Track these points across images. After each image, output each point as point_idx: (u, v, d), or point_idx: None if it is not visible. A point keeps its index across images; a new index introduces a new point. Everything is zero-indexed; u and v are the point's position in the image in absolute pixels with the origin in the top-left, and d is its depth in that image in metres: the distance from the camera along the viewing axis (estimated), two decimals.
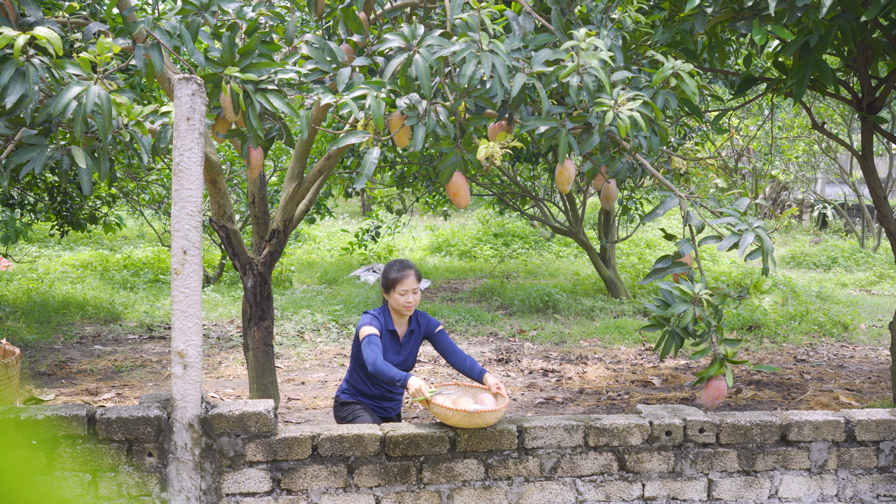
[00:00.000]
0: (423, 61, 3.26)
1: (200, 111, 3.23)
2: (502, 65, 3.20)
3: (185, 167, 3.23)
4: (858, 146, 7.77)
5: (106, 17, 5.18)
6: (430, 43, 3.29)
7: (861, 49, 5.31)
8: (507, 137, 3.40)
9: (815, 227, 22.08)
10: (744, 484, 3.81)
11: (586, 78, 3.25)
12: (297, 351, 8.67)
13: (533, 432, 3.65)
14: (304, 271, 14.06)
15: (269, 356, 5.72)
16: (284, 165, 11.52)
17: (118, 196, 11.38)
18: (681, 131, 10.07)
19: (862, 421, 3.89)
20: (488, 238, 17.22)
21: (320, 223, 19.18)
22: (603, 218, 12.87)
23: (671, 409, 3.87)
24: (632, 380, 7.78)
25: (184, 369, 3.32)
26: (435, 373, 7.88)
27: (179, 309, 3.29)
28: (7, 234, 8.87)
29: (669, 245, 15.94)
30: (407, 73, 3.33)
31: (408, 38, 3.34)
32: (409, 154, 10.93)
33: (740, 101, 9.01)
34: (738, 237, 3.43)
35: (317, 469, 3.49)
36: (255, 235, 5.76)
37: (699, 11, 4.20)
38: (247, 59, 3.37)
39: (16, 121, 3.28)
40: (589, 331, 9.90)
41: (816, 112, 14.52)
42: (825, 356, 8.88)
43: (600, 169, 3.78)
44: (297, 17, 7.81)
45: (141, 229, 18.49)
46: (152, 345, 8.89)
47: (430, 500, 3.59)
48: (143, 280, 12.50)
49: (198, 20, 3.52)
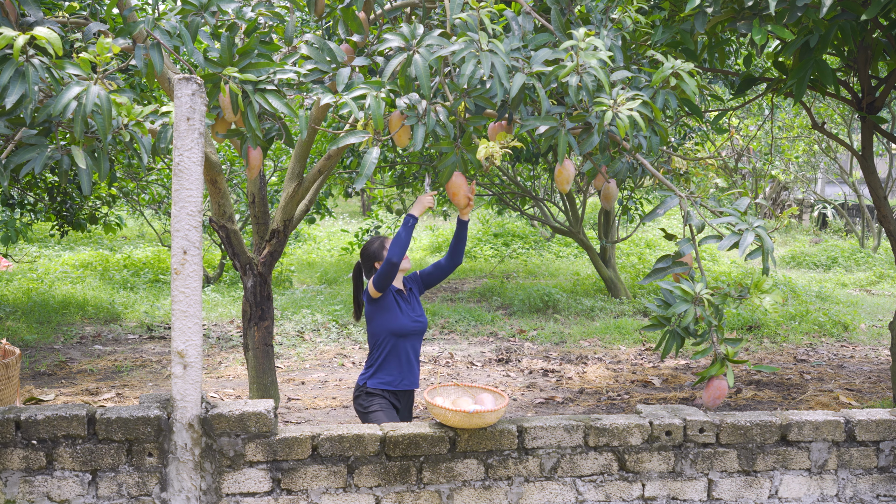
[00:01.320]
0: (422, 61, 3.26)
1: (200, 111, 3.23)
2: (501, 64, 3.20)
3: (185, 167, 3.23)
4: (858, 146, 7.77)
5: (106, 17, 5.18)
6: (430, 43, 3.29)
7: (861, 49, 5.31)
8: (506, 137, 3.39)
9: (815, 227, 22.08)
10: (744, 484, 3.81)
11: (585, 78, 3.25)
12: (297, 351, 8.67)
13: (533, 432, 3.65)
14: (304, 271, 14.06)
15: (269, 356, 5.72)
16: (284, 165, 11.52)
17: (118, 196, 11.38)
18: (681, 131, 10.07)
19: (862, 421, 3.88)
20: (488, 238, 17.22)
21: (320, 223, 19.18)
22: (603, 218, 12.87)
23: (671, 409, 3.87)
24: (632, 380, 7.78)
25: (184, 369, 3.32)
26: (435, 373, 7.88)
27: (179, 309, 3.29)
28: (7, 234, 8.87)
29: (669, 245, 15.94)
30: (406, 73, 3.33)
31: (407, 38, 3.34)
32: (409, 154, 10.93)
33: (740, 101, 9.01)
34: (738, 237, 3.43)
35: (317, 469, 3.49)
36: (255, 235, 5.76)
37: (699, 11, 4.20)
38: (246, 60, 3.37)
39: (16, 121, 3.28)
40: (589, 331, 9.90)
41: (816, 112, 14.51)
42: (825, 356, 8.88)
43: (600, 169, 3.77)
44: (297, 18, 7.81)
45: (141, 229, 18.49)
46: (152, 345, 8.89)
47: (430, 500, 3.59)
48: (143, 280, 12.50)
49: (197, 20, 3.52)
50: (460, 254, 4.38)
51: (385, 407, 4.28)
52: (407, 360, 4.33)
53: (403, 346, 4.32)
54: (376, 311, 4.32)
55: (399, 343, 4.30)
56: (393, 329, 4.28)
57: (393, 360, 4.31)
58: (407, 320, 4.31)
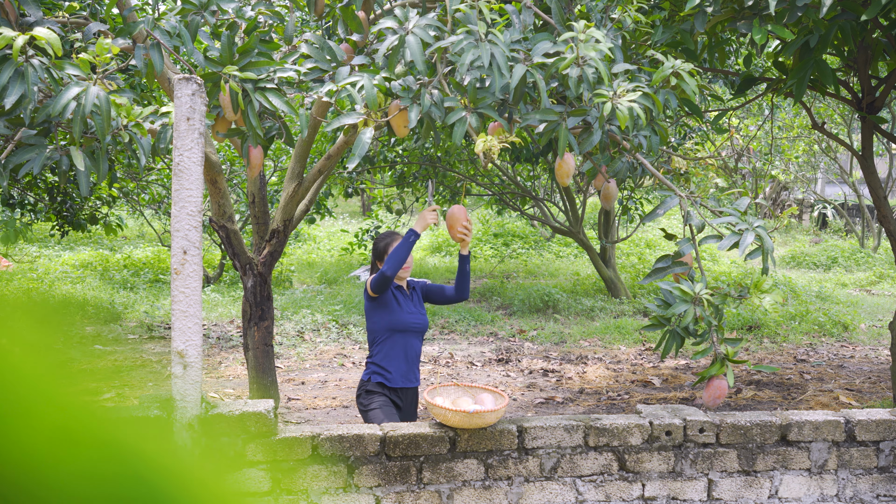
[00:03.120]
0: (415, 41, 3.23)
1: (200, 111, 3.23)
2: (501, 55, 3.18)
3: (185, 167, 3.23)
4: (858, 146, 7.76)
5: (106, 17, 5.18)
6: (425, 23, 3.27)
7: (861, 49, 5.30)
8: (505, 132, 3.38)
9: (815, 227, 22.07)
10: (744, 484, 3.81)
11: (586, 69, 3.23)
12: (297, 351, 8.66)
13: (533, 432, 3.64)
14: (304, 271, 14.06)
15: (269, 356, 5.72)
16: (284, 165, 11.52)
17: (118, 196, 11.38)
18: (681, 131, 10.07)
19: (862, 421, 3.88)
20: (488, 238, 17.22)
21: (320, 223, 19.17)
22: (603, 218, 12.86)
23: (671, 409, 3.86)
24: (632, 380, 7.78)
25: (184, 369, 3.32)
26: (435, 373, 7.88)
27: (179, 309, 3.29)
28: (7, 234, 8.87)
29: (669, 245, 15.93)
30: (401, 55, 3.29)
31: (401, 21, 3.32)
32: (409, 154, 10.93)
33: (740, 101, 9.01)
34: (738, 236, 3.43)
35: (317, 469, 3.48)
36: (255, 235, 5.75)
37: (699, 11, 4.20)
38: (246, 58, 3.37)
39: (15, 121, 3.28)
40: (589, 331, 9.90)
41: (816, 112, 14.51)
42: (825, 356, 8.88)
43: (600, 168, 3.77)
44: (297, 17, 7.81)
45: (141, 229, 18.49)
46: (152, 345, 8.89)
47: (430, 500, 3.59)
48: (143, 280, 12.50)
49: (197, 19, 3.52)
50: (466, 290, 4.39)
51: (384, 405, 4.26)
52: (406, 357, 4.31)
53: (402, 343, 4.30)
54: (375, 308, 4.31)
55: (398, 339, 4.28)
56: (391, 324, 4.27)
57: (391, 356, 4.28)
58: (405, 315, 4.30)
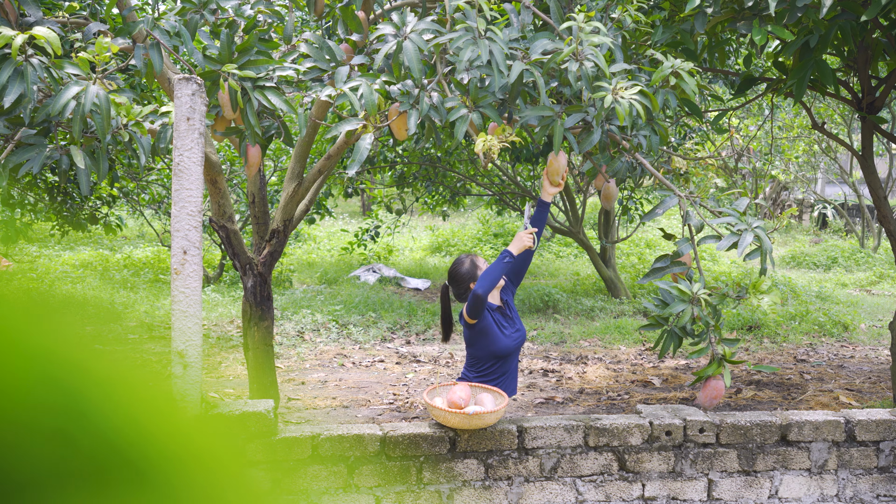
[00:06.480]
0: (412, 46, 3.24)
1: (200, 111, 3.23)
2: (500, 51, 3.17)
3: (185, 167, 3.23)
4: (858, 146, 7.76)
5: (106, 16, 5.18)
6: (422, 28, 3.27)
7: (861, 49, 5.30)
8: (505, 131, 3.38)
9: (815, 227, 22.07)
10: (744, 484, 3.81)
11: (585, 64, 3.22)
12: (297, 351, 8.67)
13: (533, 432, 3.64)
14: (304, 271, 14.06)
15: (269, 356, 5.72)
16: (284, 165, 11.52)
17: (118, 196, 11.38)
18: (681, 131, 10.06)
19: (862, 421, 3.88)
20: (488, 238, 17.22)
21: (320, 223, 19.17)
22: (603, 218, 12.86)
23: (671, 409, 3.86)
24: (632, 380, 7.78)
25: (184, 369, 3.32)
26: (435, 373, 7.88)
27: (179, 309, 3.29)
28: (7, 234, 8.87)
29: (669, 245, 15.93)
30: (398, 60, 3.29)
31: (398, 26, 3.32)
32: (409, 154, 10.93)
33: (740, 101, 9.01)
34: (737, 237, 3.43)
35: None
36: (255, 235, 5.75)
37: (699, 11, 4.20)
38: (245, 57, 3.37)
39: (15, 120, 3.28)
40: (589, 331, 9.90)
41: (816, 112, 14.51)
42: (825, 356, 8.88)
43: (600, 169, 3.77)
44: (297, 17, 7.81)
45: (141, 229, 18.49)
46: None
47: (430, 500, 3.59)
48: (143, 280, 12.50)
49: (196, 18, 3.52)
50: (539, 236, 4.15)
51: None
52: (508, 375, 4.24)
53: (506, 363, 4.21)
54: (476, 336, 4.12)
55: (502, 363, 4.17)
56: (496, 352, 4.12)
57: (496, 377, 4.20)
58: (509, 341, 4.14)
